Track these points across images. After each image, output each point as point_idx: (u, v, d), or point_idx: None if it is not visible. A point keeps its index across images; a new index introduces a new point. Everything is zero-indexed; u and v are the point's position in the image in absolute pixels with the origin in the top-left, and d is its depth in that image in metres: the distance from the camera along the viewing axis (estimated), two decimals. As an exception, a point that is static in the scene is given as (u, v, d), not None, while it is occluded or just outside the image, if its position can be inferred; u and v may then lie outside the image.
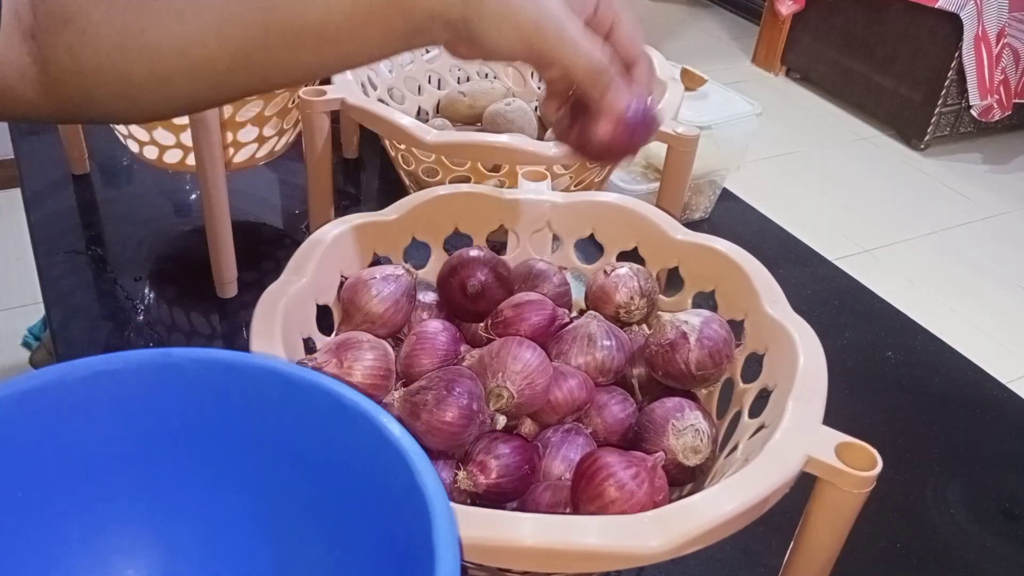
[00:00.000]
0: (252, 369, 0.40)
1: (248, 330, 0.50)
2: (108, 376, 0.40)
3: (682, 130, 0.76)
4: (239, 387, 0.40)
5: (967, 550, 0.67)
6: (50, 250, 0.91)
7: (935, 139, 2.98)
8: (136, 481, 0.42)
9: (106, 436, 0.41)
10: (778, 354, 0.53)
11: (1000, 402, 0.82)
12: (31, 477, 0.39)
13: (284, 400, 0.40)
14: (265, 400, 0.40)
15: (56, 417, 0.39)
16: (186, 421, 0.41)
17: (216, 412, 0.41)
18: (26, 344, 1.78)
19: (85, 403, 0.40)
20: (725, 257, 0.60)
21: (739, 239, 0.61)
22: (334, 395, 0.39)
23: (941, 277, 2.39)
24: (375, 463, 0.38)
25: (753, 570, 0.63)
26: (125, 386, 0.40)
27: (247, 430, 0.41)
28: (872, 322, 0.91)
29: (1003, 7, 2.75)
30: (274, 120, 0.89)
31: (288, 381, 0.40)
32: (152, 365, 0.40)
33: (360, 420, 0.38)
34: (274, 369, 0.40)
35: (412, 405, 0.50)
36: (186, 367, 0.40)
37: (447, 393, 0.49)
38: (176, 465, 0.42)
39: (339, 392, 0.39)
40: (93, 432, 0.40)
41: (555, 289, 0.63)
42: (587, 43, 0.46)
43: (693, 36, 3.83)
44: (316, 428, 0.40)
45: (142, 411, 0.41)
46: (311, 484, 0.41)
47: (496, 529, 0.40)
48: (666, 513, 0.41)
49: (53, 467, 0.40)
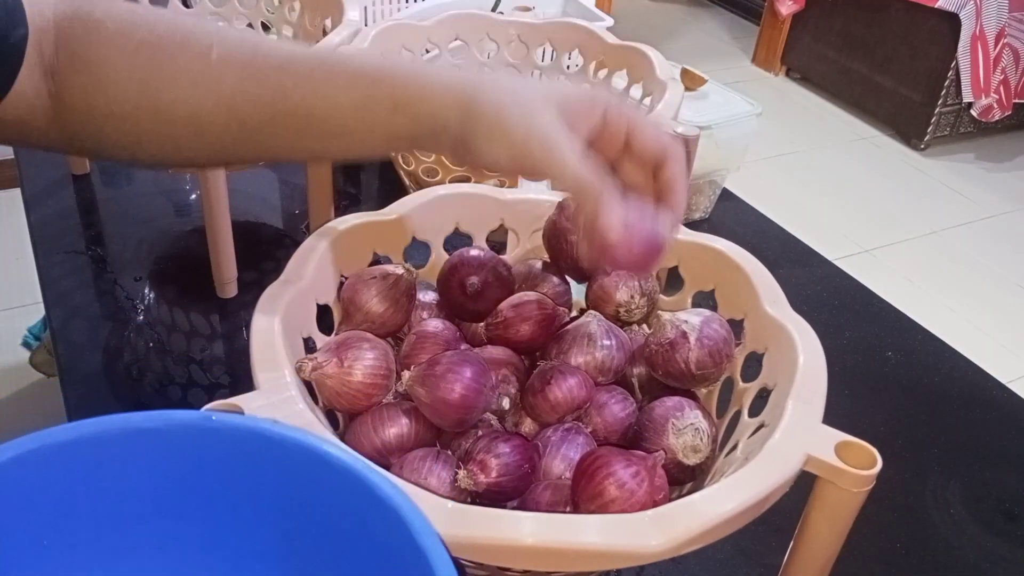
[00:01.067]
0: (289, 443, 0.40)
1: (248, 330, 0.50)
2: (147, 434, 0.40)
3: (682, 130, 0.76)
4: (273, 459, 0.40)
5: (967, 550, 0.67)
6: (50, 250, 0.91)
7: (935, 139, 2.98)
8: (162, 539, 0.42)
9: (138, 492, 0.41)
10: (778, 353, 0.53)
11: (1000, 402, 0.82)
12: (60, 527, 0.39)
13: (316, 477, 0.40)
14: (298, 475, 0.40)
15: (91, 471, 0.39)
16: (218, 485, 0.41)
17: (248, 480, 0.41)
18: (26, 344, 1.78)
19: (121, 459, 0.40)
20: (725, 257, 0.60)
21: (739, 239, 0.61)
22: (368, 481, 0.38)
23: (941, 277, 2.39)
24: (401, 559, 0.37)
25: (753, 570, 0.63)
26: (163, 445, 0.40)
27: (277, 502, 0.41)
28: (872, 322, 0.91)
29: (1003, 7, 2.75)
30: (274, 120, 0.89)
31: (323, 460, 0.39)
32: (192, 428, 0.40)
33: (391, 514, 0.37)
34: (310, 447, 0.40)
35: (421, 380, 0.51)
36: (225, 433, 0.40)
37: (455, 372, 0.50)
38: (204, 527, 0.42)
39: (374, 481, 0.38)
40: (125, 487, 0.40)
41: (555, 289, 0.63)
42: (576, 161, 0.45)
43: (693, 36, 3.83)
44: (345, 509, 0.39)
45: (176, 472, 0.41)
46: (333, 562, 0.41)
47: (496, 528, 0.40)
48: (666, 512, 0.41)
49: (82, 519, 0.40)
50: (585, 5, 1.12)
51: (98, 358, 0.78)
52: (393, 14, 1.11)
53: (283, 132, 0.50)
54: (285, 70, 0.48)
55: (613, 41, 0.94)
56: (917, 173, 2.90)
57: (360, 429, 0.52)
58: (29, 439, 0.38)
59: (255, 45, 0.49)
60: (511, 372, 0.57)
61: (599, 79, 0.96)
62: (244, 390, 0.46)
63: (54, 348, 0.80)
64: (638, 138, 0.48)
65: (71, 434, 0.39)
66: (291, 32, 1.03)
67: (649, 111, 0.82)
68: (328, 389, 0.52)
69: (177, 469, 0.41)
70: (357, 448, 0.45)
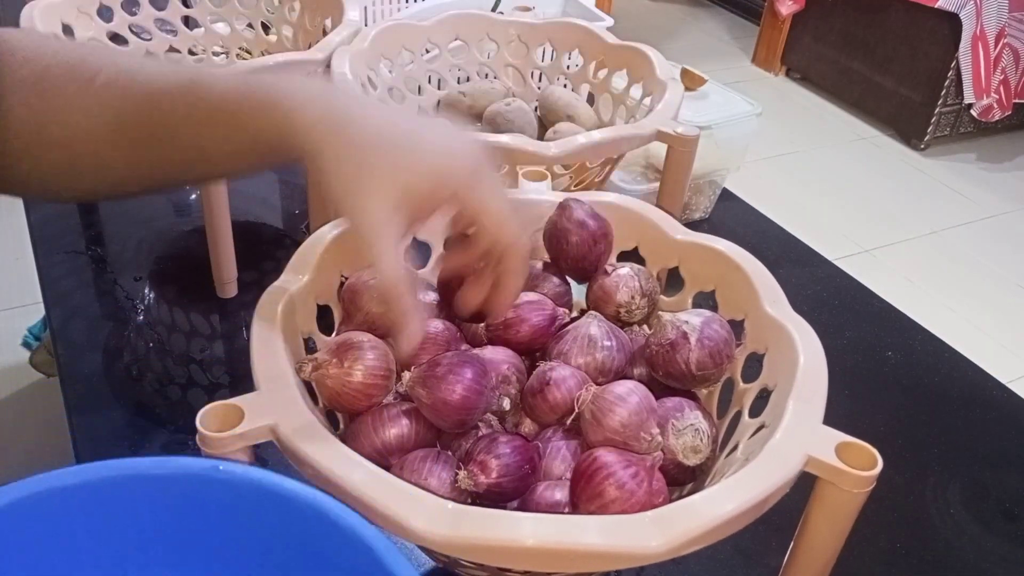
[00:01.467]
0: (301, 503, 0.39)
1: (248, 330, 0.50)
2: (155, 481, 0.40)
3: (682, 130, 0.76)
4: (279, 514, 0.40)
5: (967, 550, 0.67)
6: (50, 250, 0.91)
7: (935, 139, 2.98)
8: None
9: (141, 538, 0.40)
10: (778, 354, 0.53)
11: (1000, 402, 0.82)
12: (59, 569, 0.39)
13: (327, 541, 0.39)
14: (308, 537, 0.40)
15: (93, 516, 0.39)
16: (220, 536, 0.41)
17: (250, 533, 0.41)
18: (26, 344, 1.78)
19: (127, 503, 0.39)
20: (725, 257, 0.60)
21: (739, 239, 0.61)
22: (375, 551, 0.37)
23: (941, 277, 2.39)
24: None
25: (753, 570, 0.63)
26: (169, 492, 0.40)
27: (277, 557, 0.41)
28: (872, 322, 0.91)
29: (1003, 7, 2.75)
30: (274, 120, 0.89)
31: (334, 524, 0.39)
32: (200, 477, 0.40)
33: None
34: (323, 511, 0.39)
35: (422, 381, 0.51)
36: (235, 484, 0.40)
37: (455, 374, 0.50)
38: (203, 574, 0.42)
39: (377, 548, 0.37)
40: (130, 533, 0.40)
41: (555, 289, 0.63)
42: (392, 264, 0.45)
43: (693, 36, 3.83)
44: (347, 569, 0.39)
45: (179, 521, 0.41)
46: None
47: (496, 529, 0.40)
48: (666, 513, 0.41)
49: (82, 563, 0.40)
50: (585, 5, 1.12)
51: (98, 358, 0.78)
52: (393, 14, 1.11)
53: (167, 162, 0.50)
54: (157, 99, 0.48)
55: (613, 41, 0.94)
56: (917, 173, 2.90)
57: (360, 429, 0.52)
58: (34, 481, 0.38)
59: (135, 72, 0.49)
60: (511, 373, 0.57)
61: (599, 79, 0.96)
62: (244, 390, 0.46)
63: (54, 348, 0.80)
64: (481, 227, 0.48)
65: (77, 479, 0.38)
66: (291, 32, 1.03)
67: (649, 111, 0.82)
68: (328, 389, 0.52)
69: (180, 518, 0.40)
70: (357, 448, 0.44)
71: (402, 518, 0.40)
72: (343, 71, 0.81)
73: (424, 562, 0.60)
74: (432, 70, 0.99)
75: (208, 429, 0.43)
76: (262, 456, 0.46)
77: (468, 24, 0.97)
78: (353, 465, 0.42)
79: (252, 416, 0.44)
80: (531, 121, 0.92)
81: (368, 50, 0.88)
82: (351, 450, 0.43)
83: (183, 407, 0.73)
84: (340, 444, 0.44)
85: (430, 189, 0.46)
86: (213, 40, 1.06)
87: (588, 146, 0.74)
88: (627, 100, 0.92)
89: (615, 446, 0.49)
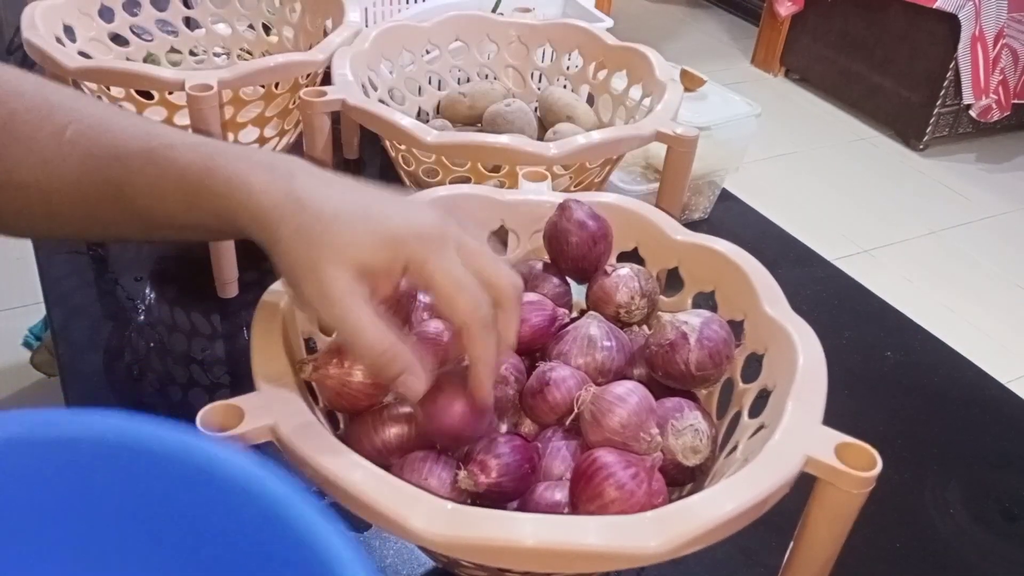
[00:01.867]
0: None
1: (249, 330, 0.50)
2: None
3: (682, 130, 0.76)
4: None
5: (967, 550, 0.67)
6: (51, 250, 0.91)
7: (934, 139, 2.98)
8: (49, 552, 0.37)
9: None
10: (778, 354, 0.53)
11: (1000, 402, 0.82)
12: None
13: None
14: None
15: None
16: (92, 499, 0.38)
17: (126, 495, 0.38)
18: (27, 344, 1.78)
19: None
20: (725, 257, 0.60)
21: (739, 239, 0.61)
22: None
23: (940, 277, 2.39)
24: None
25: (753, 570, 0.63)
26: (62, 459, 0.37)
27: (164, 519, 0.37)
28: (872, 322, 0.91)
29: (1002, 8, 2.75)
30: (275, 121, 0.89)
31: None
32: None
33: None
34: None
35: (420, 402, 0.50)
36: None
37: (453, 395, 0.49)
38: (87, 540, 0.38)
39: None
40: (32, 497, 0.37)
41: (555, 289, 0.63)
42: (372, 333, 0.44)
43: (692, 37, 3.83)
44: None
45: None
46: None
47: (496, 529, 0.40)
48: (666, 513, 0.41)
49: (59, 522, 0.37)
50: (585, 6, 1.12)
51: (99, 358, 0.78)
52: (394, 15, 1.11)
53: (126, 221, 0.50)
54: (121, 161, 0.48)
55: (613, 42, 0.94)
56: (916, 173, 2.90)
57: (360, 429, 0.52)
58: None
59: (106, 126, 0.49)
60: (510, 373, 0.57)
61: (598, 80, 0.96)
62: (244, 390, 0.46)
63: (55, 348, 0.80)
64: (435, 302, 0.47)
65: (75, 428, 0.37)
66: (292, 33, 1.03)
67: (648, 112, 0.83)
68: (328, 390, 0.52)
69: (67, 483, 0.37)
70: (357, 448, 0.44)
71: (402, 518, 0.40)
72: (344, 72, 0.81)
73: (424, 562, 0.60)
74: (432, 71, 0.99)
75: (208, 429, 0.43)
76: (262, 456, 0.46)
77: (468, 25, 0.97)
78: (353, 465, 0.43)
79: (252, 416, 0.44)
80: (531, 122, 0.92)
81: (369, 51, 0.88)
82: (351, 450, 0.43)
83: (183, 407, 0.73)
84: (340, 444, 0.44)
85: (385, 261, 0.44)
86: (214, 41, 1.07)
87: (588, 147, 0.74)
88: (627, 101, 0.92)
89: (615, 446, 0.49)
